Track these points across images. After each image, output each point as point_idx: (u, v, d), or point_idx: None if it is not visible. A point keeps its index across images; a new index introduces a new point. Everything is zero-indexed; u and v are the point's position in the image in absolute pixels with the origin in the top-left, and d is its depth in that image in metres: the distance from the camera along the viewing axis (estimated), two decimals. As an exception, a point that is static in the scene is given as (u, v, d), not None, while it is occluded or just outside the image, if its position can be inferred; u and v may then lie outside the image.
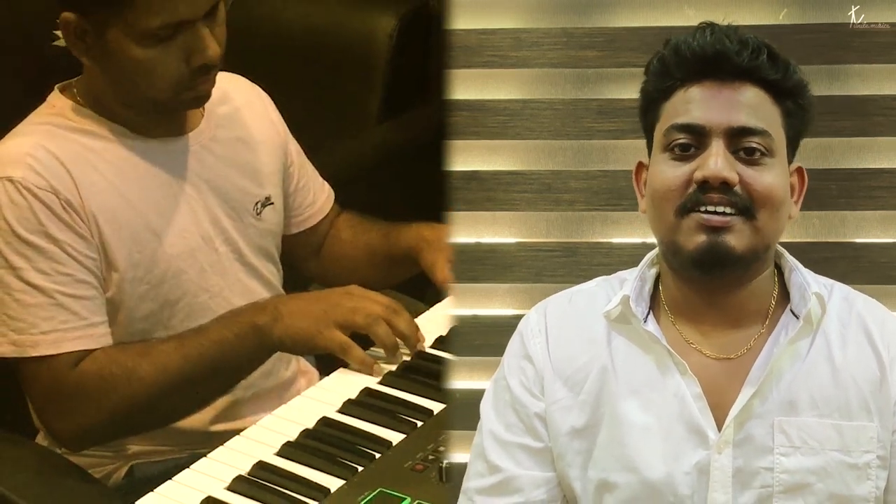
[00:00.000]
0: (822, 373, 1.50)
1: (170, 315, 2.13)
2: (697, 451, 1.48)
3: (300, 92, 3.29)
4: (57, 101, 2.11)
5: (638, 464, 1.50)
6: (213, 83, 2.07)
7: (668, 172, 1.49)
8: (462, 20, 1.85)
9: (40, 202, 1.99)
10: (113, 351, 2.03)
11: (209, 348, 2.03)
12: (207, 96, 2.09)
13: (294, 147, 2.38)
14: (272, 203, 2.27)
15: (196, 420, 2.16)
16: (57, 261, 1.99)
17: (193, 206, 2.14)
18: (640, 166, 1.57)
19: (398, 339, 2.14)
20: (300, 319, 2.05)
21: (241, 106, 2.27)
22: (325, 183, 2.47)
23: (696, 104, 1.49)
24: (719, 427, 1.48)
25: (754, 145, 1.47)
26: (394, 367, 2.15)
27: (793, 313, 1.52)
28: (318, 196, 2.44)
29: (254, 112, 2.30)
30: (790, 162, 1.53)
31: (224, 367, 2.06)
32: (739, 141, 1.47)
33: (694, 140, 1.48)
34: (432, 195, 2.39)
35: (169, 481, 1.90)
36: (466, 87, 1.85)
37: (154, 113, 2.11)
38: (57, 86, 2.14)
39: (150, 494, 1.88)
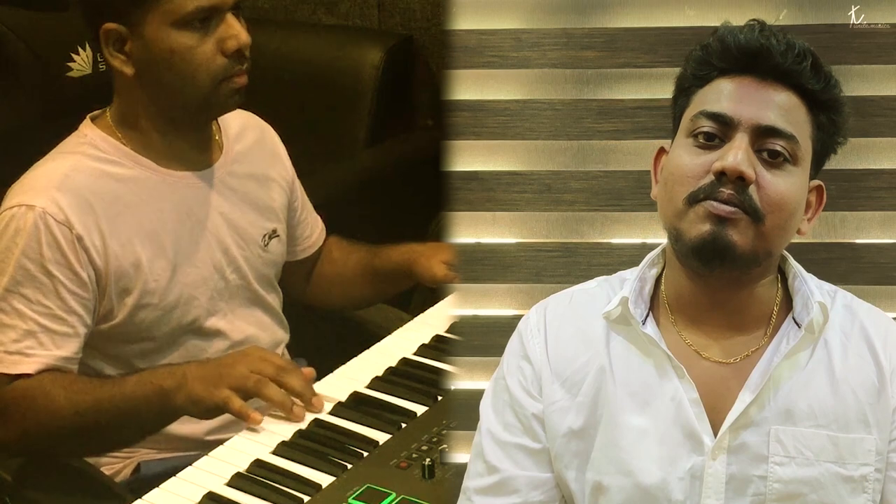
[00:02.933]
0: (821, 383, 1.48)
1: (182, 335, 2.21)
2: (692, 457, 1.47)
3: (293, 119, 3.43)
4: (88, 131, 2.18)
5: (633, 467, 1.49)
6: (246, 77, 2.14)
7: (688, 159, 1.46)
8: (463, 21, 1.85)
9: (51, 234, 2.06)
10: (46, 378, 2.08)
11: (119, 400, 2.06)
12: (241, 91, 2.15)
13: (298, 184, 2.48)
14: (278, 235, 2.36)
15: (195, 429, 2.21)
16: (42, 293, 2.07)
17: (208, 237, 2.22)
18: (661, 151, 1.54)
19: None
20: (198, 385, 2.05)
21: (254, 143, 2.36)
22: (318, 217, 2.56)
23: (728, 95, 1.46)
24: (715, 432, 1.47)
25: (779, 148, 1.44)
26: (380, 373, 2.21)
27: (794, 321, 1.50)
28: (314, 229, 2.54)
29: (265, 150, 2.39)
30: (813, 177, 1.51)
31: (129, 422, 2.09)
32: (765, 141, 1.44)
33: (720, 130, 1.45)
34: (417, 213, 2.44)
35: (173, 478, 1.95)
36: (467, 87, 1.85)
37: (189, 116, 2.17)
38: (88, 115, 2.21)
39: (155, 490, 1.93)
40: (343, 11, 3.77)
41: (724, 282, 1.48)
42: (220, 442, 2.06)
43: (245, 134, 2.33)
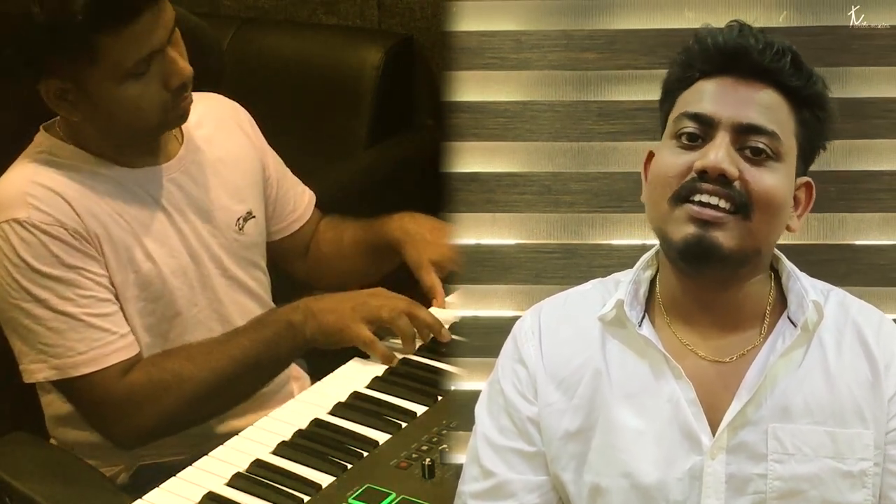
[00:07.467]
0: (816, 380, 1.49)
1: (168, 328, 2.20)
2: (690, 457, 1.48)
3: (294, 120, 3.46)
4: (43, 140, 2.16)
5: (631, 468, 1.49)
6: (191, 99, 2.13)
7: (671, 159, 1.47)
8: (463, 22, 1.86)
9: (50, 236, 2.05)
10: (157, 359, 2.14)
11: (250, 348, 2.15)
12: (187, 113, 2.15)
13: (272, 158, 2.44)
14: (254, 217, 2.34)
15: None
16: (78, 286, 2.07)
17: (180, 228, 2.21)
18: (651, 155, 1.55)
19: (423, 330, 2.25)
20: (330, 316, 2.18)
21: (217, 126, 2.33)
22: (307, 189, 2.54)
23: (709, 95, 1.47)
24: (713, 432, 1.48)
25: (761, 145, 1.45)
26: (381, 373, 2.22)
27: (790, 320, 1.51)
28: (298, 202, 2.50)
29: (229, 130, 2.36)
30: (801, 174, 1.51)
31: (265, 363, 2.18)
32: (747, 138, 1.45)
33: (701, 130, 1.46)
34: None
35: (173, 478, 1.96)
36: (467, 88, 1.86)
37: (139, 141, 2.16)
38: (42, 125, 2.19)
39: (155, 490, 1.93)
40: (343, 11, 3.77)
41: (714, 282, 1.49)
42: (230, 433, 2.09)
43: (206, 118, 2.30)
